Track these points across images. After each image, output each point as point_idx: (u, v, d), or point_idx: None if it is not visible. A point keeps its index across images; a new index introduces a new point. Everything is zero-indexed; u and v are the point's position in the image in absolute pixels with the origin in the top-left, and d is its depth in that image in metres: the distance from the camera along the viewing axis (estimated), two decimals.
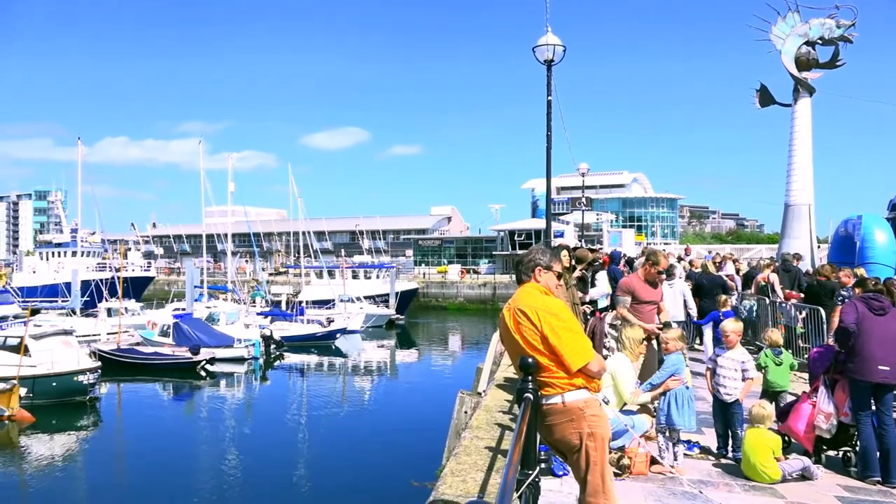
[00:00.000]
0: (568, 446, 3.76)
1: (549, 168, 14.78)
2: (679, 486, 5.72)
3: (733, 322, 7.35)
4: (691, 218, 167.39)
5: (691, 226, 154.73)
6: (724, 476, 6.24)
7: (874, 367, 6.15)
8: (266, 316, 42.24)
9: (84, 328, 35.29)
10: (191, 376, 29.53)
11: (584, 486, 3.74)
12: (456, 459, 5.98)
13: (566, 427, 3.70)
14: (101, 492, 16.22)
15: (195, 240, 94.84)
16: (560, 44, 13.94)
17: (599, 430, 3.72)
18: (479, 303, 63.63)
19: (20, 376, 22.09)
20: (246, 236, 64.18)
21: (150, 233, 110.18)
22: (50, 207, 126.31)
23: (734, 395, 6.79)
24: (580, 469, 3.73)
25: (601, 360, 3.90)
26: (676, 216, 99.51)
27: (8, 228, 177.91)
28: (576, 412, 3.69)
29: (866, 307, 6.39)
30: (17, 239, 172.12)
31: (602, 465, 3.70)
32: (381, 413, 24.75)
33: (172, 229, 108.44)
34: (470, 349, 41.54)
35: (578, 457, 3.72)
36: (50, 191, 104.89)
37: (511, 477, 2.37)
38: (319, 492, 15.96)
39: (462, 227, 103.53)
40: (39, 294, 51.61)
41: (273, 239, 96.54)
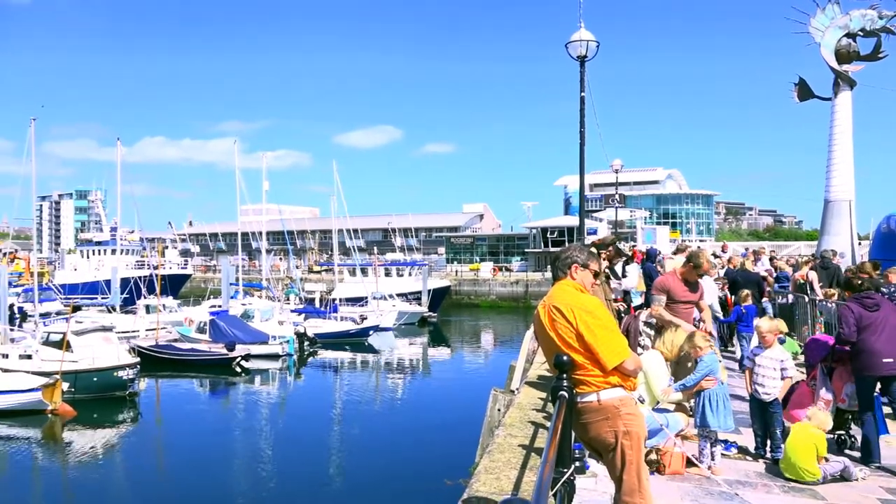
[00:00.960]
0: (603, 445, 3.74)
1: (582, 165, 14.68)
2: (716, 486, 5.65)
3: (768, 321, 7.23)
4: (727, 214, 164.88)
5: (727, 222, 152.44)
6: (762, 477, 6.14)
7: (879, 361, 6.47)
8: (300, 313, 42.64)
9: (123, 325, 36.03)
10: (226, 372, 29.95)
11: (619, 484, 3.72)
12: (489, 457, 5.97)
13: (601, 425, 3.68)
14: (140, 484, 16.55)
15: (230, 238, 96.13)
16: (593, 39, 13.84)
17: (635, 429, 3.69)
18: (512, 300, 63.46)
19: (63, 371, 22.64)
20: (280, 234, 64.87)
21: (186, 231, 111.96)
22: (90, 206, 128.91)
23: (773, 394, 6.68)
24: (616, 468, 3.71)
25: (637, 358, 3.86)
26: (712, 213, 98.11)
27: (50, 227, 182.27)
28: (611, 410, 3.66)
29: (861, 307, 6.69)
30: (58, 237, 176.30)
31: (638, 463, 3.67)
32: (414, 410, 24.84)
33: (208, 227, 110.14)
34: (502, 347, 41.45)
35: (614, 455, 3.69)
36: (90, 190, 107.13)
37: (547, 475, 2.36)
38: (353, 488, 16.08)
39: (494, 224, 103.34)
40: (81, 291, 52.78)
41: (307, 237, 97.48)
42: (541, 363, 10.94)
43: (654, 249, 14.79)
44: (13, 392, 21.58)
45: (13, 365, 24.30)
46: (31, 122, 36.58)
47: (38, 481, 17.30)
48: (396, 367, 34.80)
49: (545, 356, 4.05)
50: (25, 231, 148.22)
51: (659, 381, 6.33)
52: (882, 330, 6.53)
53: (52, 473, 17.97)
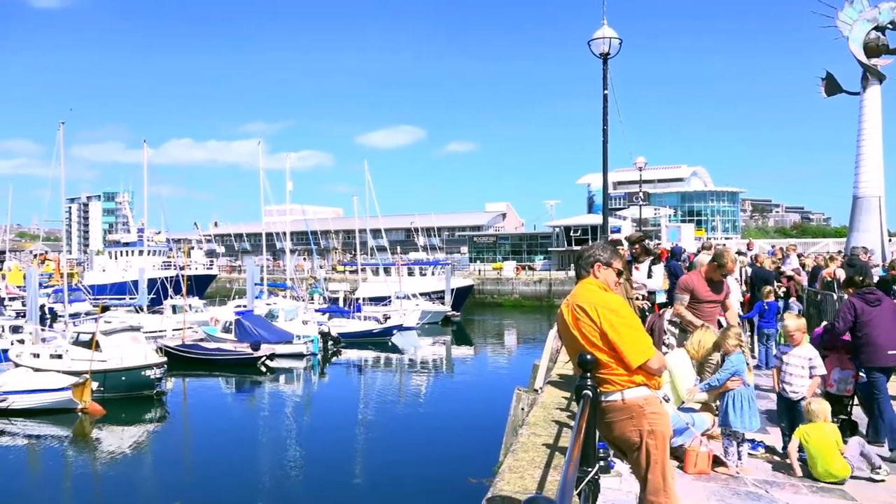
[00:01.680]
0: (628, 444, 3.72)
1: (605, 163, 14.60)
2: (743, 485, 5.60)
3: (795, 319, 7.12)
4: (753, 212, 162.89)
5: (753, 220, 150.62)
6: (791, 476, 6.07)
7: (884, 353, 6.84)
8: (324, 313, 42.87)
9: (151, 324, 36.54)
10: (252, 371, 30.22)
11: (644, 484, 3.70)
12: (513, 456, 5.98)
13: (626, 424, 3.67)
14: (167, 481, 16.76)
15: (255, 238, 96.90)
16: (616, 37, 13.75)
17: (660, 428, 3.67)
18: (535, 299, 63.25)
19: (92, 370, 22.99)
20: (304, 234, 65.33)
21: (211, 232, 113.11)
22: (118, 208, 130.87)
23: (801, 392, 6.59)
24: (640, 467, 3.69)
25: (661, 357, 3.84)
26: (738, 210, 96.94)
27: (79, 229, 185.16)
28: (636, 409, 3.64)
29: (863, 302, 7.08)
30: (87, 238, 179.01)
31: (663, 463, 3.65)
32: (437, 409, 24.87)
33: (233, 228, 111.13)
34: (526, 346, 41.34)
35: (639, 455, 3.68)
36: (118, 192, 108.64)
37: (571, 474, 2.36)
38: (377, 485, 16.14)
39: (517, 223, 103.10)
40: (109, 292, 53.56)
41: (330, 237, 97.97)
42: (564, 362, 10.91)
43: (680, 247, 14.68)
44: (44, 391, 21.98)
45: (44, 364, 24.74)
46: (59, 125, 37.24)
47: (69, 479, 17.60)
48: (420, 367, 34.87)
49: (569, 355, 4.04)
50: (55, 233, 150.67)
51: (684, 380, 6.28)
52: (884, 323, 6.89)
53: (82, 471, 18.25)
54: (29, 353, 26.26)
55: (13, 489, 16.54)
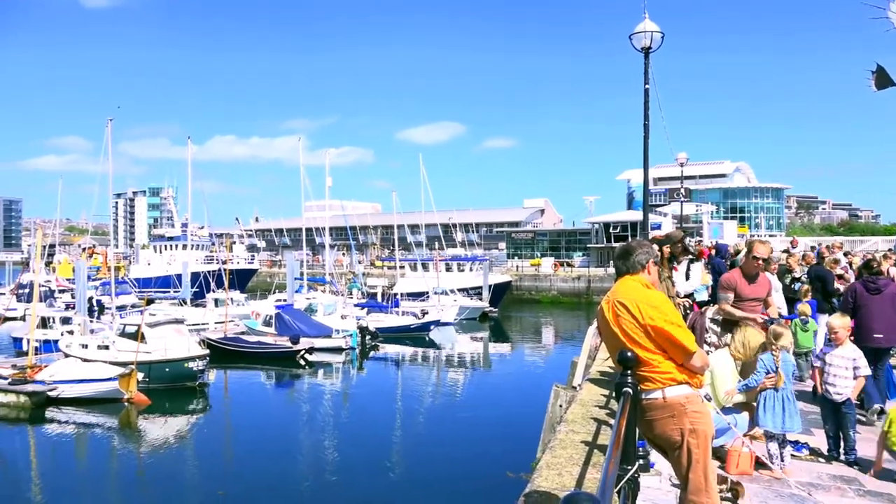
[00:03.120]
0: (669, 443, 3.68)
1: (646, 158, 14.40)
2: (786, 487, 5.50)
3: (840, 317, 6.94)
4: (799, 209, 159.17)
5: (799, 217, 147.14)
6: (836, 480, 5.93)
7: (870, 334, 7.87)
8: (362, 307, 43.22)
9: (194, 317, 37.26)
10: (291, 365, 30.62)
11: (685, 483, 3.65)
12: (551, 453, 5.95)
13: (667, 423, 3.63)
14: (210, 471, 17.11)
15: (295, 233, 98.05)
16: (658, 30, 13.53)
17: (702, 427, 3.62)
18: (573, 296, 62.82)
19: (137, 362, 23.56)
20: (343, 230, 65.91)
21: (252, 227, 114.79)
22: (163, 203, 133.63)
23: (845, 394, 6.44)
24: (681, 466, 3.65)
25: (704, 354, 3.78)
26: (782, 207, 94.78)
27: (125, 223, 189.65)
28: (677, 408, 3.60)
29: (864, 288, 8.11)
30: (133, 233, 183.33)
31: (705, 462, 3.60)
32: (474, 404, 24.89)
33: (274, 223, 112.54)
34: (564, 343, 41.11)
35: (680, 454, 3.63)
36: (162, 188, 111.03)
37: (612, 471, 2.35)
38: (414, 479, 16.24)
39: (555, 219, 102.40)
40: (154, 285, 54.78)
41: (368, 232, 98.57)
42: (603, 359, 10.82)
43: (724, 245, 14.41)
44: (93, 381, 22.61)
45: (92, 355, 25.43)
46: (107, 122, 38.13)
47: (115, 466, 18.08)
48: (457, 362, 34.93)
49: (609, 352, 4.01)
50: (103, 227, 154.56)
51: (725, 381, 6.18)
52: (877, 311, 7.89)
53: (127, 459, 18.73)
54: (78, 343, 27.02)
55: (63, 475, 17.07)
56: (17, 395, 22.27)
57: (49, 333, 30.22)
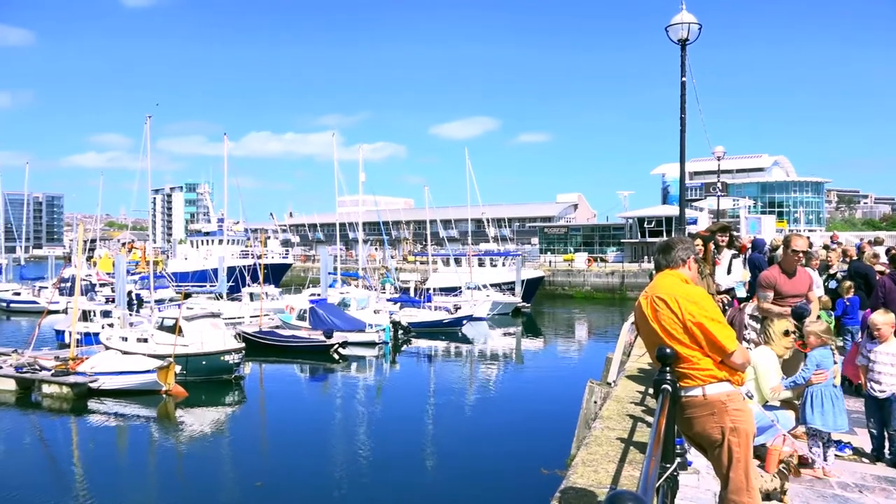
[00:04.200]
0: (709, 441, 3.61)
1: (682, 152, 14.20)
2: (829, 488, 5.38)
3: (883, 313, 6.75)
4: (839, 203, 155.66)
5: (839, 211, 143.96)
6: (881, 481, 5.78)
7: None
8: (395, 302, 43.35)
9: (230, 311, 37.82)
10: (324, 359, 30.88)
11: (725, 482, 3.59)
12: (587, 449, 5.91)
13: (707, 421, 3.56)
14: (246, 463, 17.34)
15: (328, 228, 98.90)
16: (695, 22, 13.31)
17: (743, 426, 3.55)
18: (607, 291, 62.32)
19: (175, 354, 23.97)
20: (376, 225, 66.25)
21: (287, 222, 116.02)
22: (199, 199, 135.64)
23: (889, 390, 6.26)
24: (722, 465, 3.58)
25: (745, 351, 3.70)
26: (822, 201, 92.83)
27: (163, 218, 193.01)
28: (717, 406, 3.53)
29: (892, 281, 8.27)
30: (170, 228, 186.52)
31: (746, 461, 3.53)
32: (507, 400, 24.84)
33: (307, 218, 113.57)
34: (597, 338, 40.80)
35: (720, 452, 3.57)
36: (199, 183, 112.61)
37: (653, 469, 2.31)
38: (448, 473, 16.26)
39: (589, 214, 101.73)
40: (190, 279, 55.63)
41: (401, 227, 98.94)
42: (638, 356, 10.71)
43: (761, 239, 14.13)
44: (132, 373, 23.07)
45: (131, 348, 25.97)
46: (146, 120, 38.80)
47: (154, 456, 18.43)
48: (490, 357, 34.88)
49: (647, 348, 3.95)
50: (141, 222, 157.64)
51: (769, 377, 6.05)
52: None
53: (166, 449, 19.09)
54: (118, 336, 27.59)
55: (103, 464, 17.46)
56: (60, 385, 22.83)
57: (90, 326, 30.92)
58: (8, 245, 77.52)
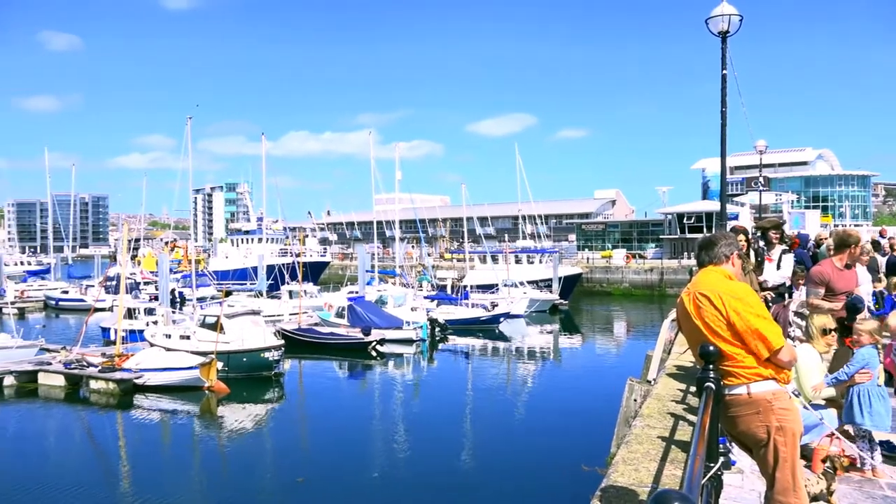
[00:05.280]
0: (754, 440, 3.55)
1: (723, 146, 13.96)
2: (878, 489, 5.24)
3: None
4: (887, 197, 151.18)
5: (887, 205, 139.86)
6: None
7: None
8: (432, 299, 43.43)
9: (269, 309, 38.31)
10: (362, 356, 31.10)
11: (771, 482, 3.52)
12: (627, 448, 5.86)
13: (752, 420, 3.49)
14: (286, 457, 17.56)
15: (366, 226, 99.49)
16: (736, 13, 13.07)
17: (789, 425, 3.47)
18: (646, 288, 61.62)
19: (217, 351, 24.38)
20: (412, 223, 66.47)
21: (324, 220, 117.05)
22: (239, 198, 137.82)
23: None
24: (768, 465, 3.51)
25: (792, 348, 3.62)
26: (869, 195, 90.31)
27: (204, 218, 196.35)
28: (763, 404, 3.47)
29: None
30: (211, 227, 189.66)
31: (793, 461, 3.46)
32: (545, 397, 24.74)
33: (345, 217, 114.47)
34: (636, 336, 40.37)
35: (766, 452, 3.50)
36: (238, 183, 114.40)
37: (698, 469, 2.28)
38: (487, 470, 16.24)
39: (627, 210, 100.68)
40: (231, 277, 56.59)
41: (437, 225, 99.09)
42: (679, 353, 10.57)
43: (806, 235, 13.83)
44: (176, 369, 23.54)
45: (175, 344, 26.48)
46: (187, 121, 39.54)
47: (197, 451, 18.79)
48: (527, 355, 34.76)
49: (689, 346, 3.89)
50: (183, 222, 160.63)
51: (811, 375, 5.93)
52: None
53: (208, 444, 19.44)
54: (162, 333, 28.17)
55: (148, 458, 17.86)
56: (107, 381, 23.41)
57: (135, 324, 31.63)
58: (56, 245, 79.78)
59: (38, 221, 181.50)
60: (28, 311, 48.95)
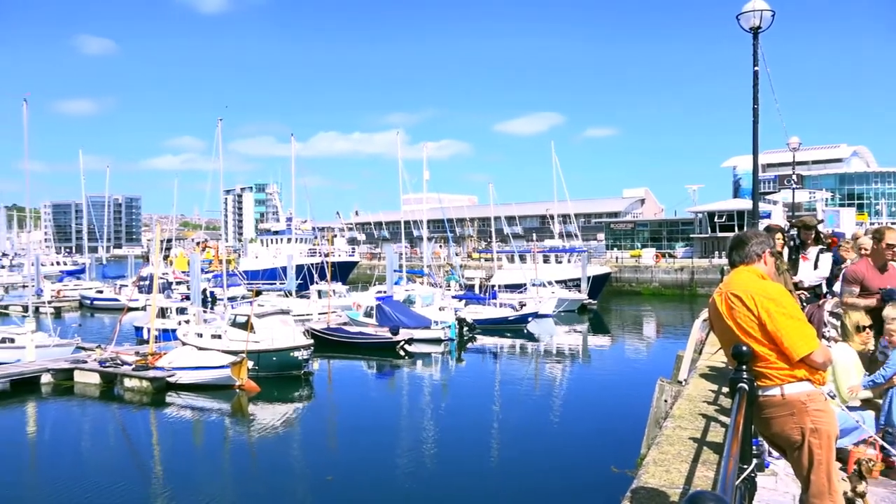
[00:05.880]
0: (788, 442, 3.50)
1: (755, 143, 13.76)
2: None
3: None
4: None
5: None
6: None
7: None
8: (460, 299, 43.42)
9: (298, 308, 38.61)
10: (391, 355, 31.21)
11: (806, 485, 3.47)
12: (658, 449, 5.81)
13: (786, 421, 3.44)
14: (316, 456, 17.71)
15: (393, 226, 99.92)
16: (768, 9, 12.86)
17: (825, 427, 3.42)
18: (676, 288, 60.94)
19: (247, 350, 24.65)
20: (440, 222, 66.51)
21: (353, 220, 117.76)
22: (268, 198, 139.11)
23: None
24: (802, 467, 3.46)
25: (826, 349, 3.56)
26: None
27: (234, 218, 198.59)
28: (797, 406, 3.42)
29: None
30: (241, 227, 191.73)
31: (828, 464, 3.40)
32: (574, 397, 24.61)
33: (373, 217, 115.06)
34: (666, 336, 39.96)
35: (800, 454, 3.45)
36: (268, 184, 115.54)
37: (731, 470, 2.26)
38: (515, 471, 16.21)
39: (656, 209, 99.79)
40: (261, 277, 57.12)
41: (465, 224, 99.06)
42: (710, 354, 10.45)
43: (841, 233, 13.57)
44: (207, 368, 23.86)
45: (206, 343, 26.83)
46: (218, 122, 40.02)
47: (228, 449, 19.02)
48: (556, 355, 34.61)
49: (722, 346, 3.85)
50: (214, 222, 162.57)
51: (848, 376, 5.81)
52: None
53: (240, 442, 19.68)
54: (193, 332, 28.55)
55: (181, 455, 18.13)
56: (141, 380, 23.81)
57: (167, 323, 32.12)
58: (91, 245, 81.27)
59: (74, 222, 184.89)
60: (64, 311, 49.92)
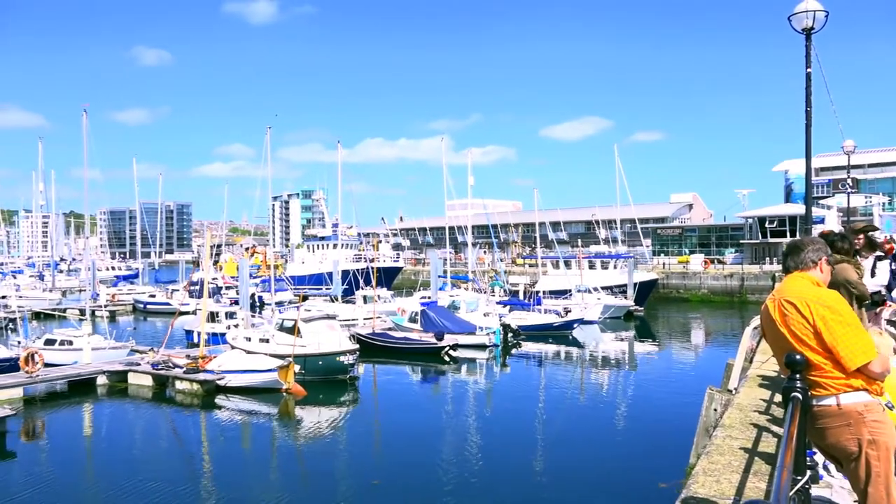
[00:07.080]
0: (844, 453, 3.41)
1: (808, 147, 13.43)
2: None
3: None
4: None
5: None
6: None
7: None
8: (505, 305, 43.31)
9: (344, 313, 39.01)
10: (435, 360, 31.28)
11: (863, 498, 3.37)
12: (708, 458, 5.71)
13: (842, 432, 3.36)
14: (361, 459, 17.85)
15: (438, 232, 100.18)
16: (821, 9, 12.56)
17: (883, 438, 3.32)
18: (725, 295, 59.68)
19: (294, 354, 25.00)
20: (484, 228, 66.52)
21: (397, 226, 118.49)
22: (314, 205, 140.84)
23: None
24: (859, 479, 3.37)
25: (885, 359, 3.46)
26: None
27: (281, 224, 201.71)
28: (854, 416, 3.33)
29: None
30: (288, 233, 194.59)
31: (887, 476, 3.30)
32: (620, 406, 24.29)
33: (417, 223, 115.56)
34: (715, 344, 39.19)
35: (857, 466, 3.36)
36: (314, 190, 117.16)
37: (785, 481, 2.22)
38: (558, 480, 16.08)
39: (705, 214, 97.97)
40: (307, 282, 57.93)
41: (510, 230, 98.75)
42: (762, 362, 10.23)
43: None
44: (255, 371, 24.29)
45: (255, 347, 27.33)
46: (266, 130, 40.78)
47: (276, 451, 19.30)
48: (601, 362, 34.24)
49: (775, 355, 3.77)
50: (262, 228, 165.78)
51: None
52: None
53: (287, 445, 19.95)
54: (242, 336, 29.09)
55: (229, 457, 18.49)
56: (191, 382, 24.36)
57: (216, 327, 32.78)
58: (144, 250, 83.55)
59: (128, 228, 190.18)
60: (118, 314, 51.39)
